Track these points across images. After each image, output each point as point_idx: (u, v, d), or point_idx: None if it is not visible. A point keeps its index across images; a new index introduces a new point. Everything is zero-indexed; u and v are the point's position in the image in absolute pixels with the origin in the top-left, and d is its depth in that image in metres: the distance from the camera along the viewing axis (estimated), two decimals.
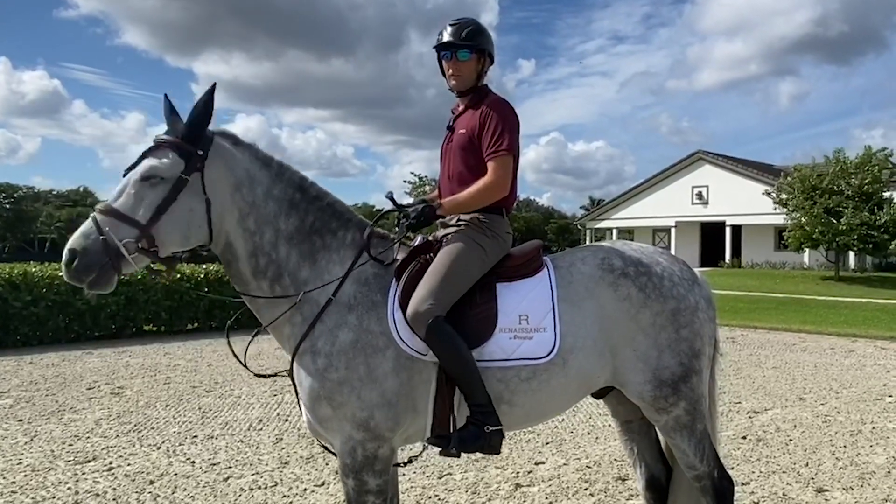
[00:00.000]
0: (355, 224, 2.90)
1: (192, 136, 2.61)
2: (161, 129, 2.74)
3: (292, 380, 2.81)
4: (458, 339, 2.64)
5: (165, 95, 2.72)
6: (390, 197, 2.90)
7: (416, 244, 2.92)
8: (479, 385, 2.65)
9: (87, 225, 2.51)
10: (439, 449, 2.71)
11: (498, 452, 2.75)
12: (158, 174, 2.55)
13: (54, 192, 76.93)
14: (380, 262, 2.83)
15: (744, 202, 33.70)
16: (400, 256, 2.86)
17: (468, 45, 2.94)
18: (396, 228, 2.88)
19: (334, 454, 2.82)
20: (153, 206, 2.54)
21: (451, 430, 2.70)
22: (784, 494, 4.66)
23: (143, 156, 2.61)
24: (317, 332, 2.70)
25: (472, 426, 2.65)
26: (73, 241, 2.49)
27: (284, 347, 2.84)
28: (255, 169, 2.76)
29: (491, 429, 2.65)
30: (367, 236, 2.85)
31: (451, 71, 3.00)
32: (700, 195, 36.85)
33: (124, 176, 2.61)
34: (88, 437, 5.91)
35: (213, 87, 2.65)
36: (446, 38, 2.96)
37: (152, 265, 2.63)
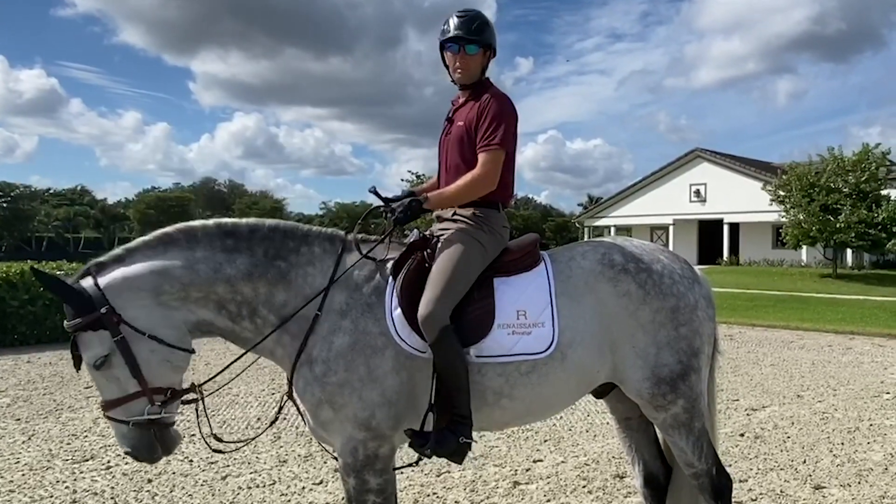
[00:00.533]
0: (317, 236, 2.86)
1: (84, 308, 2.52)
2: (157, 127, 2.76)
3: (293, 400, 2.80)
4: (461, 353, 2.65)
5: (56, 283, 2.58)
6: (374, 191, 2.88)
7: (411, 240, 2.90)
8: (466, 397, 2.66)
9: (117, 431, 2.63)
10: (410, 443, 2.73)
11: (460, 462, 2.79)
12: (99, 356, 2.54)
13: (51, 191, 76.81)
14: (373, 259, 2.81)
15: (742, 200, 33.74)
16: (393, 254, 2.85)
17: (476, 40, 2.92)
18: (384, 222, 2.86)
19: (335, 458, 2.82)
20: (128, 376, 2.57)
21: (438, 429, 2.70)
22: (782, 491, 4.66)
23: (75, 352, 2.61)
24: (310, 344, 2.69)
25: (448, 432, 2.67)
26: (122, 445, 2.64)
27: (283, 367, 2.84)
28: (160, 261, 2.65)
29: (463, 440, 2.67)
30: (342, 242, 2.84)
31: (457, 64, 2.97)
32: (698, 193, 36.88)
33: (78, 370, 2.69)
34: (86, 436, 5.91)
35: (61, 282, 2.56)
36: (454, 31, 2.92)
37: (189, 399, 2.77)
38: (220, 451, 3.08)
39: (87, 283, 2.58)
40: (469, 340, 2.70)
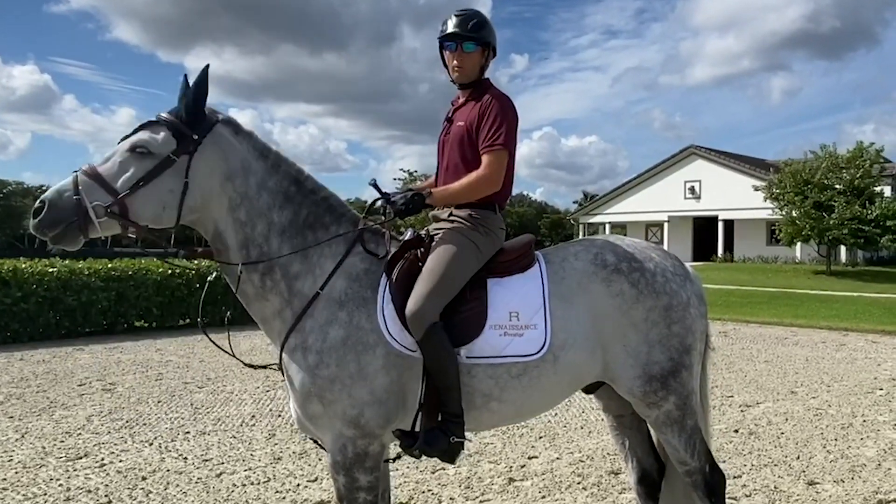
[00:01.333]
0: (349, 219, 2.87)
1: (190, 119, 2.60)
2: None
3: (282, 372, 2.79)
4: (451, 350, 2.63)
5: (185, 77, 2.68)
6: (374, 184, 2.85)
7: (406, 238, 2.89)
8: (457, 396, 2.65)
9: (65, 181, 2.50)
10: (399, 443, 2.72)
11: (452, 462, 2.78)
12: (148, 147, 2.54)
13: (44, 188, 76.39)
14: (374, 255, 2.80)
15: (736, 197, 33.82)
16: (390, 250, 2.83)
17: (474, 38, 2.90)
18: (383, 216, 2.85)
19: (323, 448, 2.81)
20: (134, 178, 2.52)
21: (432, 427, 2.69)
22: (776, 487, 4.68)
23: (140, 128, 2.61)
24: (308, 328, 2.67)
25: (439, 431, 2.66)
26: (48, 193, 2.48)
27: (274, 342, 2.82)
28: (251, 159, 2.72)
29: (455, 439, 2.66)
30: (359, 230, 2.82)
31: (454, 63, 2.95)
32: (693, 190, 36.95)
33: (123, 139, 2.62)
34: (80, 434, 5.88)
35: (206, 68, 2.62)
36: (451, 28, 2.91)
37: (128, 232, 2.60)
38: (252, 366, 3.01)
39: (211, 116, 2.65)
40: (460, 341, 2.68)
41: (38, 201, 2.46)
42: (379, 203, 2.84)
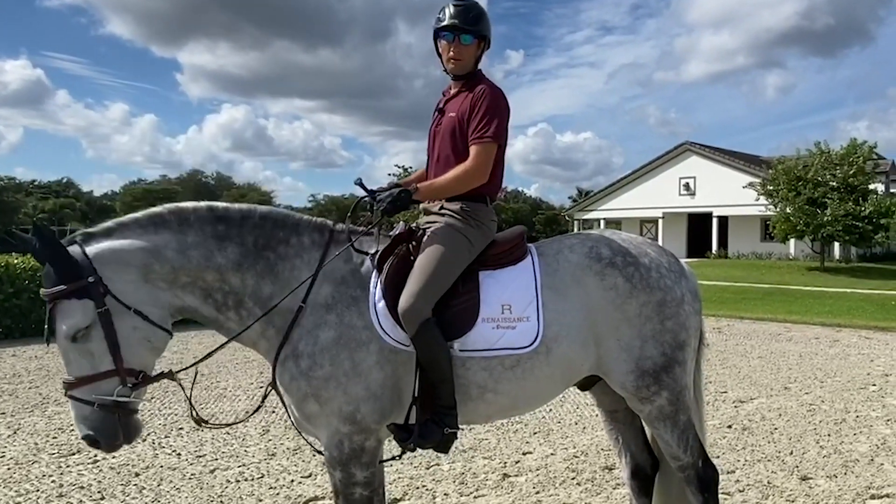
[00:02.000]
0: (307, 226, 2.82)
1: (73, 273, 2.42)
2: (144, 119, 2.69)
3: (276, 390, 2.77)
4: (443, 344, 2.63)
5: (36, 231, 2.47)
6: (360, 183, 2.82)
7: (396, 232, 2.87)
8: (450, 388, 2.65)
9: (75, 410, 2.48)
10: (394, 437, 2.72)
11: (446, 452, 2.78)
12: (80, 327, 2.42)
13: (36, 183, 76.03)
14: (364, 252, 2.78)
15: (731, 193, 33.87)
16: (380, 247, 2.81)
17: (471, 30, 2.89)
18: (370, 214, 2.82)
19: (319, 452, 2.81)
20: (105, 351, 2.46)
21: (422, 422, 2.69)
22: (769, 482, 4.69)
23: (51, 322, 2.47)
24: (295, 337, 2.66)
25: (433, 424, 2.66)
26: (81, 429, 2.48)
27: (266, 359, 2.81)
28: (152, 241, 2.59)
29: (449, 430, 2.66)
30: (330, 233, 2.80)
31: (451, 54, 2.92)
32: (687, 186, 37.01)
33: (48, 344, 2.54)
34: (73, 430, 5.83)
35: (49, 230, 2.47)
36: (449, 19, 2.88)
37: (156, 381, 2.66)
38: (205, 425, 3.01)
39: (75, 250, 2.48)
40: (453, 334, 2.68)
41: (85, 441, 2.49)
42: (365, 201, 2.81)
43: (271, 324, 2.69)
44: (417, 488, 4.56)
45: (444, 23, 2.89)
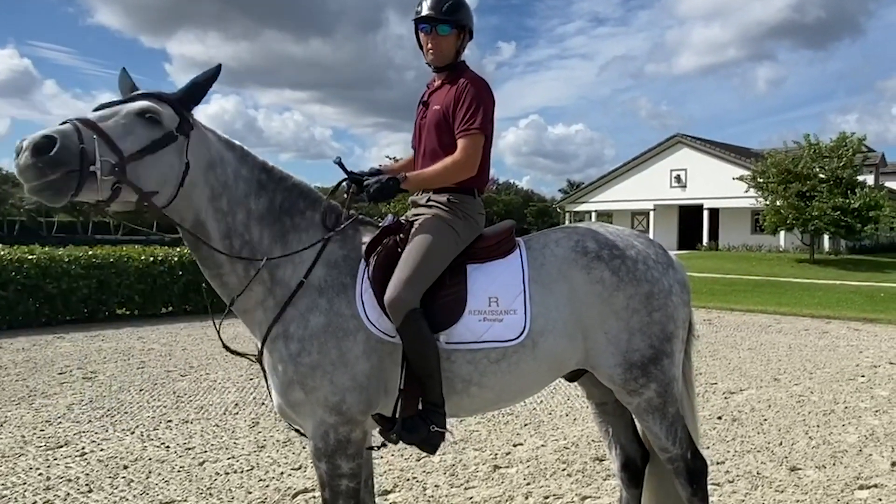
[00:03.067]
0: (325, 205, 2.84)
1: (188, 103, 2.55)
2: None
3: (261, 365, 2.76)
4: (430, 337, 2.61)
5: (124, 69, 2.64)
6: (339, 163, 2.81)
7: (385, 224, 2.85)
8: (438, 384, 2.63)
9: (64, 128, 2.25)
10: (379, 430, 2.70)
11: (433, 452, 2.76)
12: (159, 116, 2.43)
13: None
14: (339, 233, 2.75)
15: (721, 185, 34.02)
16: (368, 237, 2.80)
17: (448, 20, 2.86)
18: (346, 196, 2.81)
19: (304, 436, 2.79)
20: (142, 143, 2.37)
21: (414, 414, 2.67)
22: (758, 473, 4.71)
23: (140, 97, 2.47)
24: (288, 317, 2.64)
25: (418, 419, 2.64)
26: (53, 131, 2.21)
27: (255, 333, 2.78)
28: (223, 150, 2.70)
29: (435, 429, 2.64)
30: (324, 211, 2.78)
31: (429, 46, 2.91)
32: (678, 178, 37.13)
33: (98, 109, 2.42)
34: (60, 423, 5.81)
35: (219, 67, 2.61)
36: (426, 10, 2.87)
37: (119, 202, 2.40)
38: (237, 353, 2.88)
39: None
40: (439, 326, 2.67)
41: (44, 136, 2.19)
42: (346, 184, 2.80)
43: (272, 294, 2.68)
44: (408, 480, 4.55)
45: (421, 14, 2.88)
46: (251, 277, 2.67)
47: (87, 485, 4.41)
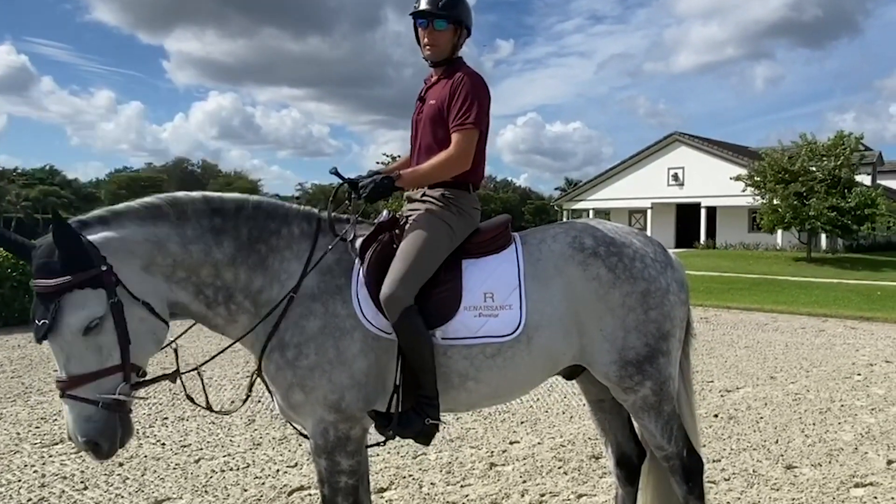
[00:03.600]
0: (296, 215, 2.79)
1: (87, 262, 2.30)
2: (130, 106, 2.62)
3: (262, 379, 2.75)
4: (425, 333, 2.61)
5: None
6: (335, 172, 2.78)
7: (380, 220, 2.85)
8: (432, 378, 2.63)
9: (76, 412, 2.30)
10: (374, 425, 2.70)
11: (427, 444, 2.76)
12: (94, 318, 2.29)
13: (18, 171, 75.06)
14: (343, 239, 2.75)
15: (719, 184, 33.98)
16: (362, 234, 2.79)
17: (445, 16, 2.86)
18: (347, 203, 2.80)
19: (305, 436, 2.79)
20: (114, 345, 2.34)
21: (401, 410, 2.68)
22: (754, 471, 4.71)
23: (57, 315, 2.25)
24: (282, 328, 2.63)
25: (413, 413, 2.64)
26: (83, 431, 2.30)
27: (252, 351, 2.77)
28: (153, 233, 2.49)
29: (430, 421, 2.65)
30: (318, 223, 2.76)
31: (426, 40, 2.91)
32: (676, 177, 37.11)
33: (42, 341, 2.30)
34: (55, 420, 5.80)
35: (68, 226, 2.31)
36: (423, 5, 2.87)
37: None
38: (224, 413, 3.03)
39: (83, 239, 2.35)
40: (435, 322, 2.67)
41: (85, 445, 2.32)
42: (345, 188, 2.78)
43: (258, 317, 2.65)
44: (404, 477, 4.54)
45: (419, 9, 2.88)
46: (233, 312, 2.65)
47: (82, 482, 4.40)
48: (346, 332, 2.62)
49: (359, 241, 2.77)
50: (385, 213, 2.89)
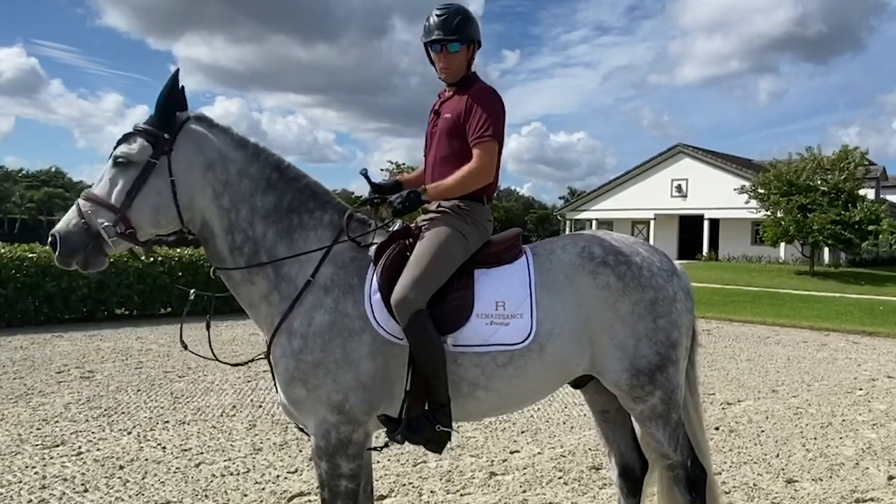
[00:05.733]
0: (333, 206, 2.90)
1: (160, 121, 2.69)
2: (138, 110, 2.82)
3: (269, 360, 2.78)
4: (437, 338, 2.64)
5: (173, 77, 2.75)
6: (365, 174, 2.90)
7: (395, 229, 2.89)
8: (443, 384, 2.65)
9: (70, 211, 2.63)
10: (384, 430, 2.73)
11: (439, 452, 2.79)
12: (128, 157, 2.64)
13: (23, 172, 75.33)
14: (357, 243, 2.81)
15: (722, 196, 33.99)
16: (378, 240, 2.84)
17: (457, 39, 2.91)
18: (369, 207, 2.88)
19: (307, 434, 2.81)
20: (125, 189, 2.62)
21: (419, 414, 2.70)
22: (755, 485, 4.70)
23: (119, 142, 2.69)
24: (294, 313, 2.69)
25: (424, 419, 2.67)
26: (57, 227, 2.61)
27: (262, 328, 2.84)
28: (228, 149, 2.79)
29: (441, 428, 2.67)
30: (347, 219, 2.84)
31: (441, 64, 2.97)
32: (679, 188, 37.12)
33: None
34: (57, 422, 5.80)
35: (177, 72, 2.72)
36: (435, 32, 2.91)
37: (133, 249, 2.77)
38: (235, 364, 3.27)
39: (181, 115, 2.74)
40: (447, 329, 2.70)
41: (50, 236, 2.60)
42: (374, 199, 2.87)
43: (277, 289, 2.74)
44: (404, 485, 4.54)
45: (432, 36, 2.93)
46: (253, 270, 2.75)
47: (82, 484, 4.40)
48: (355, 333, 2.66)
49: (373, 248, 2.82)
50: (399, 222, 2.93)
